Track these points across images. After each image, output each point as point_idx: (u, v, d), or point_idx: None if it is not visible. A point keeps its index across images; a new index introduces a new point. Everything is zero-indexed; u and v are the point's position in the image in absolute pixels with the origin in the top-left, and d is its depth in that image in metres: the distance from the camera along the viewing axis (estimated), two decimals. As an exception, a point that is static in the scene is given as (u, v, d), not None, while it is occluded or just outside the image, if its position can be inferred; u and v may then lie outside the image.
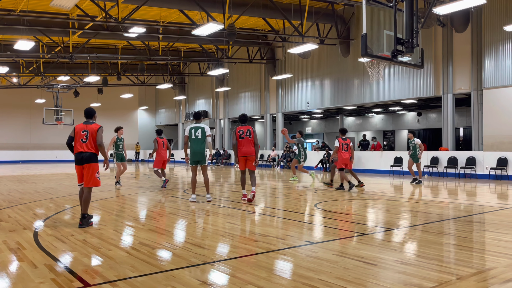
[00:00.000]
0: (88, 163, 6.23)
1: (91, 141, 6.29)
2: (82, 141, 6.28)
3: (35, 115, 33.86)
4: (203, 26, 13.86)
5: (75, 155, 6.31)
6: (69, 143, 6.43)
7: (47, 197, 9.93)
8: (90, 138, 6.29)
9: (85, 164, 6.24)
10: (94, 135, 6.30)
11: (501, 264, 4.16)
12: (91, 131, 6.32)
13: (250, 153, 8.68)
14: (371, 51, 7.43)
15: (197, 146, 8.67)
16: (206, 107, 32.14)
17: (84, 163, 6.23)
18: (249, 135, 8.78)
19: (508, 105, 15.14)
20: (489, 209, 7.90)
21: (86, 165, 6.24)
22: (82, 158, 6.23)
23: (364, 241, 5.24)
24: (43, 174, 18.60)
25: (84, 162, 6.23)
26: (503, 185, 12.90)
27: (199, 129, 8.69)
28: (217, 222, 6.66)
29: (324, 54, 22.01)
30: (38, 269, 4.08)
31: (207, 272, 4.00)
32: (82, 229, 5.94)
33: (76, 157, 6.28)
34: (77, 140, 6.29)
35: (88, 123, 6.44)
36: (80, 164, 6.27)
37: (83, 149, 6.23)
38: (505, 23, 14.01)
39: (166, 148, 12.09)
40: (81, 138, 6.29)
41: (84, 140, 6.27)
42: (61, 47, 21.26)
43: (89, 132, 6.31)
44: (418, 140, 13.01)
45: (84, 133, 6.29)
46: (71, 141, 6.39)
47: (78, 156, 6.26)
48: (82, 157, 6.24)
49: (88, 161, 6.23)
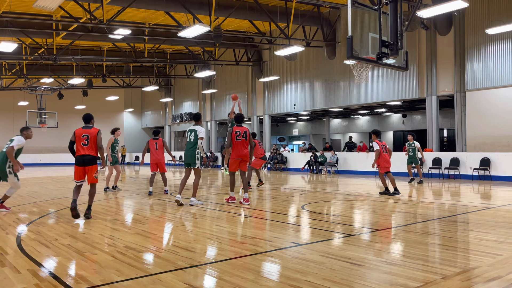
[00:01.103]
0: (90, 165, 6.91)
1: (92, 144, 6.94)
2: (83, 144, 6.93)
3: (18, 117, 33.27)
4: (189, 28, 13.82)
5: (77, 157, 6.95)
6: (70, 147, 7.10)
7: (31, 201, 9.76)
8: (90, 141, 6.94)
9: (87, 166, 6.93)
10: (95, 139, 6.97)
11: (484, 263, 4.23)
12: (91, 135, 6.97)
13: (246, 155, 8.74)
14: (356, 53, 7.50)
15: (187, 148, 8.63)
16: (192, 109, 32.01)
17: (87, 165, 6.91)
18: (245, 137, 8.74)
19: (490, 107, 15.43)
20: (473, 209, 8.03)
21: (88, 167, 6.93)
22: (84, 161, 6.90)
23: (350, 242, 5.27)
24: (26, 178, 18.28)
25: (86, 164, 6.91)
26: (486, 185, 13.12)
27: (192, 131, 8.60)
28: (204, 225, 6.63)
29: (310, 56, 22.14)
30: (21, 274, 4.00)
31: (194, 275, 3.98)
32: (66, 234, 5.86)
33: (78, 159, 6.93)
34: (78, 144, 6.93)
35: (87, 127, 7.09)
36: (82, 165, 6.93)
37: (85, 152, 6.90)
38: (487, 26, 14.28)
39: (160, 149, 10.90)
40: (81, 142, 6.93)
41: (85, 144, 6.91)
42: (45, 48, 20.96)
43: (89, 136, 6.95)
44: (417, 143, 13.72)
45: (84, 137, 6.94)
46: (72, 145, 7.05)
47: (80, 159, 6.92)
48: (84, 159, 6.90)
49: (90, 163, 6.92)
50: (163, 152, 11.02)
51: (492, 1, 15.29)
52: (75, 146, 7.08)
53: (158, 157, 10.93)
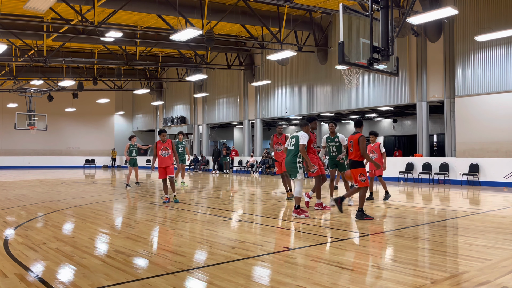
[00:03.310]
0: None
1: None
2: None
3: (7, 119, 32.92)
4: (181, 31, 13.81)
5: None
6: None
7: (18, 204, 9.63)
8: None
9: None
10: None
11: (473, 268, 4.26)
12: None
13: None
14: (348, 58, 7.54)
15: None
16: (184, 112, 31.94)
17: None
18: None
19: (479, 113, 15.61)
20: (462, 214, 8.10)
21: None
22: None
23: (341, 246, 5.28)
24: (14, 181, 18.04)
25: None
26: (474, 191, 13.26)
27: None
28: (195, 229, 6.60)
29: (302, 61, 22.24)
30: (9, 278, 3.94)
31: (184, 280, 3.95)
32: (54, 237, 5.78)
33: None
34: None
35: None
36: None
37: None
38: (476, 34, 14.48)
39: (170, 151, 9.73)
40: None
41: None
42: (35, 50, 20.79)
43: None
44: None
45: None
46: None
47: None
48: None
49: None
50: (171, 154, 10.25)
51: (481, 9, 15.51)
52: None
53: (166, 161, 9.80)
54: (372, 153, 10.25)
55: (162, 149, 9.61)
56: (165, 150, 9.63)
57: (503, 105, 14.98)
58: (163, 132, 9.79)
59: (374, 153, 10.16)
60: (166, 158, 9.60)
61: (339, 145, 9.05)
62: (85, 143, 36.00)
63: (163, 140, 9.66)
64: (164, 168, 9.60)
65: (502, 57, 14.99)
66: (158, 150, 9.60)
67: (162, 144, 9.63)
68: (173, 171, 9.79)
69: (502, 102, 15.03)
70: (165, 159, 9.60)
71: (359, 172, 7.31)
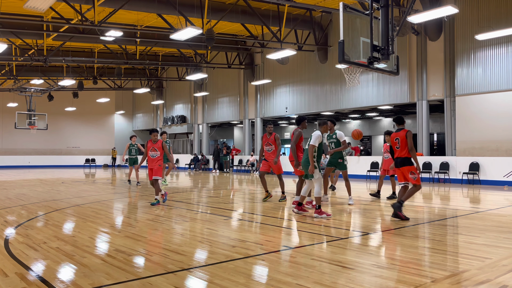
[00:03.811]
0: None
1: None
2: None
3: (7, 119, 32.93)
4: (181, 30, 13.80)
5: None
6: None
7: (19, 203, 9.63)
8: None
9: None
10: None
11: (473, 266, 4.26)
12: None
13: (289, 157, 8.84)
14: (348, 57, 7.53)
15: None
16: (184, 112, 31.93)
17: None
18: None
19: (479, 112, 15.61)
20: (462, 213, 8.10)
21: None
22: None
23: (341, 245, 5.28)
24: (15, 180, 18.05)
25: None
26: (475, 190, 13.25)
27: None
28: (195, 228, 6.60)
29: (302, 60, 22.22)
30: (9, 278, 3.94)
31: (184, 279, 3.95)
32: (55, 237, 5.79)
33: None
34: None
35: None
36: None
37: None
38: (476, 32, 14.47)
39: (159, 152, 9.31)
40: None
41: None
42: (35, 49, 20.78)
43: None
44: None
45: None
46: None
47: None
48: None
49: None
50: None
51: (481, 8, 15.50)
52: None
53: (151, 162, 9.60)
54: (386, 153, 10.29)
55: (151, 150, 9.24)
56: (154, 151, 9.23)
57: (504, 103, 14.98)
58: (154, 131, 9.31)
59: (388, 152, 10.20)
60: (153, 160, 9.21)
61: (337, 142, 9.26)
62: (85, 142, 36.00)
63: (154, 140, 9.25)
64: (150, 169, 9.25)
65: (503, 56, 14.98)
66: (148, 150, 9.27)
67: (152, 145, 9.24)
68: (159, 173, 9.23)
69: (502, 100, 15.02)
70: (152, 160, 9.22)
71: (410, 170, 7.08)
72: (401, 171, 7.19)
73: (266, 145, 9.78)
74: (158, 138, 9.29)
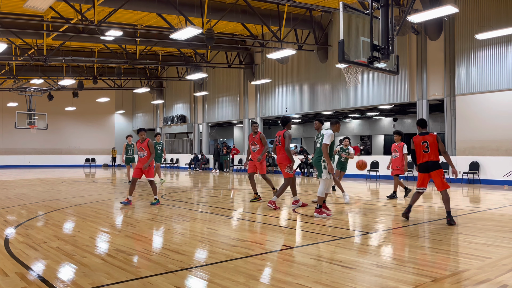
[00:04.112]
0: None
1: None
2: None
3: (7, 119, 32.92)
4: (181, 30, 13.79)
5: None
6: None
7: (19, 203, 9.63)
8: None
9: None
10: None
11: (474, 266, 4.26)
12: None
13: (280, 159, 8.65)
14: (348, 57, 7.53)
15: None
16: (184, 111, 31.92)
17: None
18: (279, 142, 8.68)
19: (479, 111, 15.60)
20: (462, 212, 8.10)
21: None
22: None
23: (341, 245, 5.28)
24: (15, 180, 18.05)
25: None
26: (475, 189, 13.25)
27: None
28: (195, 228, 6.60)
29: (302, 59, 22.22)
30: (9, 277, 3.94)
31: (184, 278, 3.95)
32: (55, 236, 5.79)
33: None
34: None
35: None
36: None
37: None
38: (476, 32, 14.46)
39: (147, 152, 9.13)
40: (422, 149, 7.61)
41: (426, 151, 7.49)
42: (35, 49, 20.76)
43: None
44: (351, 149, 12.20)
45: (424, 144, 7.66)
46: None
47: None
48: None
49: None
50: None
51: (481, 7, 15.49)
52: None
53: (140, 162, 9.39)
54: (395, 152, 10.32)
55: (140, 150, 9.15)
56: (141, 150, 9.12)
57: (504, 103, 14.97)
58: (141, 131, 9.21)
59: (397, 152, 10.24)
60: (141, 159, 9.10)
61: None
62: (86, 142, 36.00)
63: (141, 140, 9.16)
64: (140, 169, 9.11)
65: (503, 55, 14.97)
66: (138, 150, 9.21)
67: (140, 144, 9.15)
68: (151, 173, 9.13)
69: (502, 100, 15.01)
70: (141, 160, 9.12)
71: (442, 173, 6.95)
72: (430, 175, 6.96)
73: (251, 145, 9.52)
74: (145, 137, 9.18)
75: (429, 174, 6.95)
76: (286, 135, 8.59)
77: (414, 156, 7.11)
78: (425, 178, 7.00)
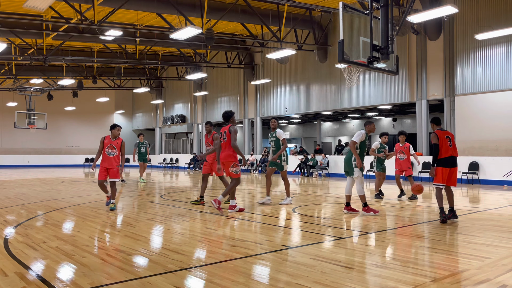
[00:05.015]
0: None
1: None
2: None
3: (6, 118, 32.89)
4: (181, 30, 13.80)
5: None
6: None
7: (18, 203, 9.63)
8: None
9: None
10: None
11: (473, 266, 4.26)
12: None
13: (225, 157, 8.10)
14: (347, 57, 7.53)
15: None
16: (184, 111, 31.92)
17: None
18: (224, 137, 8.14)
19: (479, 111, 15.61)
20: (461, 212, 8.10)
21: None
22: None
23: (341, 245, 5.28)
24: (14, 180, 18.04)
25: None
26: (474, 189, 13.26)
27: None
28: (195, 228, 6.60)
29: (302, 59, 22.22)
30: (9, 277, 3.94)
31: (184, 278, 3.95)
32: (54, 236, 5.78)
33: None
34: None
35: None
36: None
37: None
38: (476, 32, 14.47)
39: (118, 151, 8.37)
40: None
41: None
42: (35, 49, 20.75)
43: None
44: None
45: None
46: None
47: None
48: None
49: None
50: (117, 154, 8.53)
51: (481, 7, 15.50)
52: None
53: (109, 162, 8.38)
54: (401, 154, 10.30)
55: (109, 147, 8.18)
56: (112, 149, 8.20)
57: (503, 103, 14.98)
58: (116, 127, 8.40)
59: (403, 153, 10.23)
60: (110, 158, 8.17)
61: (276, 140, 9.17)
62: (85, 141, 35.97)
63: (114, 136, 8.30)
64: (106, 169, 8.20)
65: (502, 55, 14.98)
66: (104, 147, 8.19)
67: (110, 142, 8.23)
68: (116, 175, 8.27)
69: (502, 100, 15.02)
70: (110, 159, 8.17)
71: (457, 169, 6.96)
72: (451, 170, 6.86)
73: (207, 145, 9.22)
74: (119, 135, 8.41)
75: (451, 169, 6.85)
76: (232, 130, 7.99)
77: (437, 151, 6.82)
78: (449, 173, 6.82)
